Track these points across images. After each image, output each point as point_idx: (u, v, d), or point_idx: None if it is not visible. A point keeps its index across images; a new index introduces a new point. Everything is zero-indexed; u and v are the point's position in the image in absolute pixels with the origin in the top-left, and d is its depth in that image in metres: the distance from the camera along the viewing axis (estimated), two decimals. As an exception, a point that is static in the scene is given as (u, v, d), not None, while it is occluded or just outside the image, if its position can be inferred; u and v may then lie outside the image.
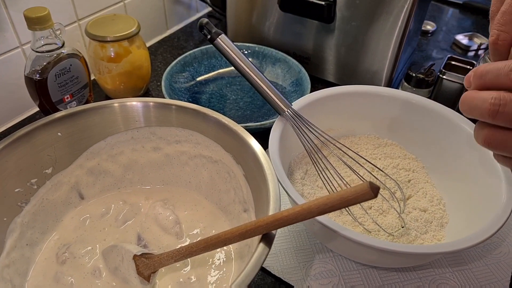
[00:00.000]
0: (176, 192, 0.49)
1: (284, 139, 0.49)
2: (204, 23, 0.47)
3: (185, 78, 0.69)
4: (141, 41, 0.65)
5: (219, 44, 0.48)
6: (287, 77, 0.71)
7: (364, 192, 0.27)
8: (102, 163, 0.47)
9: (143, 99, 0.44)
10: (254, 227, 0.32)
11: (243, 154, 0.41)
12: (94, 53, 0.63)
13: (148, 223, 0.46)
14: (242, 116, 0.65)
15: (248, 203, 0.42)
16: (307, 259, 0.48)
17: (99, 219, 0.46)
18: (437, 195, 0.51)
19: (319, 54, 0.72)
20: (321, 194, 0.50)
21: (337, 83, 0.74)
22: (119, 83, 0.65)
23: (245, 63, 0.48)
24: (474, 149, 0.48)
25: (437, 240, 0.46)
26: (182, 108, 0.44)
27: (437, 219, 0.48)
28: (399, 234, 0.46)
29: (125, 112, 0.44)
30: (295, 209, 0.30)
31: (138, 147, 0.47)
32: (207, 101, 0.68)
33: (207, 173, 0.47)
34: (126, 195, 0.48)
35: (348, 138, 0.57)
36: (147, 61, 0.67)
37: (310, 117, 0.51)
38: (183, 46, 0.85)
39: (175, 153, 0.48)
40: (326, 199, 0.29)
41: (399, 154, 0.55)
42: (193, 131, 0.45)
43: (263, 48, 0.74)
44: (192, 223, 0.46)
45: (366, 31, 0.66)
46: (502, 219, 0.39)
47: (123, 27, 0.62)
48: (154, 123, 0.45)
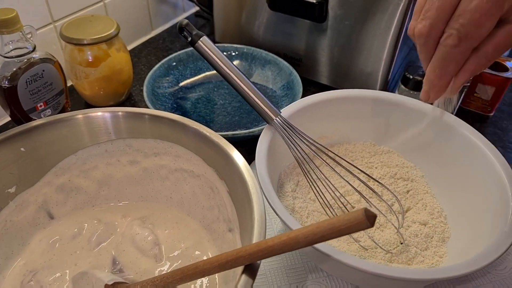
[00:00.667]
0: (156, 208, 0.45)
1: (273, 149, 0.45)
2: (184, 25, 0.43)
3: (169, 83, 0.65)
4: (121, 44, 0.61)
5: (201, 47, 0.44)
6: (277, 80, 0.67)
7: (358, 221, 0.23)
8: (74, 179, 0.43)
9: (110, 108, 0.40)
10: (235, 257, 0.28)
11: (227, 169, 0.38)
12: (70, 57, 0.59)
13: (124, 244, 0.42)
14: (230, 122, 0.62)
15: (233, 222, 0.38)
16: (299, 279, 0.44)
17: (70, 241, 0.42)
18: (438, 207, 0.47)
19: (311, 55, 0.69)
20: (314, 207, 0.47)
21: (330, 86, 0.70)
22: (98, 88, 0.61)
23: (230, 67, 0.44)
24: (477, 157, 0.44)
25: (439, 257, 0.43)
26: (156, 117, 0.40)
27: (438, 233, 0.45)
28: (397, 252, 0.43)
29: (91, 124, 0.40)
30: (281, 238, 0.26)
31: (113, 161, 0.43)
32: (193, 107, 0.64)
33: (189, 188, 0.43)
34: (101, 213, 0.44)
35: (342, 146, 0.53)
36: (128, 65, 0.63)
37: (301, 124, 0.47)
38: (169, 47, 0.81)
39: (154, 167, 0.44)
40: (315, 228, 0.25)
41: (397, 162, 0.52)
42: (173, 143, 0.41)
43: (252, 50, 0.70)
44: (173, 243, 0.42)
45: (360, 31, 0.62)
46: (508, 240, 0.35)
47: (101, 28, 0.58)
48: (126, 135, 0.41)
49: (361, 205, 0.48)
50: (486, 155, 0.43)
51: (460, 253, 0.41)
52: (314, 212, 0.46)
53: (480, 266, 0.33)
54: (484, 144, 0.44)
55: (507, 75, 0.62)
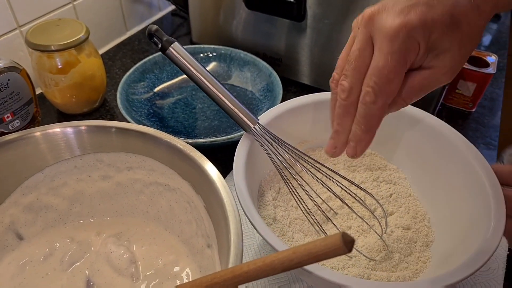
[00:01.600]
0: (132, 223, 0.43)
1: (252, 157, 0.43)
2: (153, 31, 0.41)
3: (144, 88, 0.63)
4: (92, 48, 0.59)
5: (172, 54, 0.42)
6: (257, 81, 0.66)
7: (336, 247, 0.22)
8: (42, 197, 0.40)
9: (71, 123, 0.38)
10: (210, 283, 0.27)
11: (202, 184, 0.36)
12: (38, 64, 0.56)
13: (99, 263, 0.40)
14: (209, 127, 0.60)
15: (211, 238, 0.37)
16: (282, 290, 0.43)
17: (42, 263, 0.40)
18: (421, 210, 0.46)
19: (291, 55, 0.67)
20: (296, 215, 0.45)
21: (311, 85, 0.69)
22: (69, 96, 0.59)
23: (204, 74, 0.42)
24: (458, 159, 0.44)
25: (422, 263, 0.42)
26: (124, 130, 0.38)
27: (422, 237, 0.44)
28: (381, 259, 0.42)
29: (51, 141, 0.38)
30: (257, 263, 0.25)
31: (83, 176, 0.41)
32: (171, 112, 0.62)
33: (166, 202, 0.42)
34: (74, 231, 0.42)
35: (323, 150, 0.52)
36: (101, 70, 0.61)
37: (280, 130, 0.46)
38: (145, 49, 0.78)
39: (127, 181, 0.42)
40: (291, 254, 0.24)
41: (379, 165, 0.51)
42: (145, 157, 0.40)
43: (230, 50, 0.68)
44: (150, 260, 0.40)
45: (339, 29, 0.61)
46: (491, 248, 0.34)
47: (70, 33, 0.56)
48: (93, 150, 0.39)
49: (344, 210, 0.47)
50: (467, 157, 0.43)
51: (443, 258, 0.41)
52: (297, 220, 0.45)
53: (464, 276, 0.32)
54: (466, 146, 0.44)
55: (488, 71, 0.61)
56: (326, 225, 0.45)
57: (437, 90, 0.61)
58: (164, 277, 0.39)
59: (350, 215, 0.46)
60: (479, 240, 0.36)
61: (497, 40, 0.85)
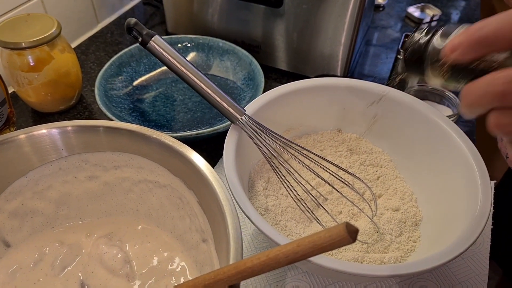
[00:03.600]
0: (123, 222, 0.43)
1: (241, 148, 0.43)
2: (132, 24, 0.40)
3: (122, 82, 0.61)
4: (65, 43, 0.57)
5: (153, 47, 0.40)
6: (237, 70, 0.65)
7: (340, 237, 0.22)
8: (27, 202, 0.39)
9: (57, 124, 0.36)
10: (213, 280, 0.27)
11: (194, 179, 0.36)
12: (9, 62, 0.53)
13: (92, 265, 0.39)
14: (192, 119, 0.59)
15: (206, 233, 0.36)
16: (278, 278, 0.44)
17: (32, 269, 0.38)
18: (408, 191, 0.48)
19: (270, 41, 0.66)
20: (287, 203, 0.46)
21: (291, 71, 0.69)
22: (44, 94, 0.56)
23: (187, 67, 0.41)
24: (441, 138, 0.45)
25: (413, 242, 0.43)
26: (113, 129, 0.37)
27: (411, 217, 0.45)
28: (373, 241, 0.43)
29: (36, 143, 0.36)
30: (261, 258, 0.25)
31: (69, 178, 0.40)
32: (151, 106, 0.61)
33: (156, 199, 0.41)
34: (63, 235, 0.41)
35: (310, 136, 0.52)
36: (75, 66, 0.58)
37: (267, 119, 0.46)
38: (118, 41, 0.76)
39: (115, 180, 0.41)
40: (296, 247, 0.24)
41: (365, 148, 0.51)
42: (133, 155, 0.39)
43: (208, 39, 0.67)
44: (144, 258, 0.40)
45: (316, 14, 0.61)
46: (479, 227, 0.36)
47: (40, 29, 0.53)
48: (80, 150, 0.38)
49: (334, 195, 0.47)
50: (450, 135, 0.44)
51: (433, 236, 0.42)
52: (288, 208, 0.45)
53: (456, 255, 0.34)
54: (448, 125, 0.45)
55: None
56: (317, 211, 0.45)
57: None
58: (160, 275, 0.39)
59: (340, 199, 0.46)
60: (467, 217, 0.37)
61: (469, 17, 0.87)
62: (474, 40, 0.24)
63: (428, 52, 0.28)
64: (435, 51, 0.28)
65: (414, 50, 0.29)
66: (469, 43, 0.24)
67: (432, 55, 0.28)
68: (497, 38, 0.23)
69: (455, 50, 0.25)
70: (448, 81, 0.28)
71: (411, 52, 0.29)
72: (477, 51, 0.24)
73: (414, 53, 0.29)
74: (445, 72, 0.27)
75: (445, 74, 0.27)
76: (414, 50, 0.29)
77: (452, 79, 0.27)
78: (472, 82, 0.24)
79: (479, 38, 0.24)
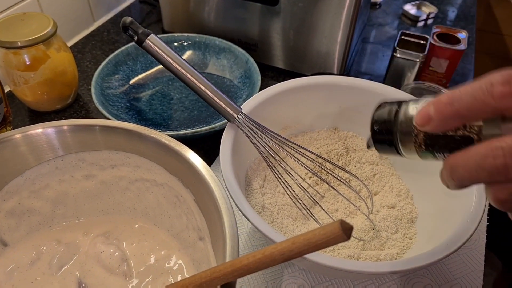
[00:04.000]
0: (120, 221, 0.43)
1: (237, 147, 0.43)
2: (128, 23, 0.40)
3: (119, 81, 0.61)
4: (61, 42, 0.56)
5: (149, 46, 0.40)
6: (234, 68, 0.65)
7: (335, 235, 0.22)
8: (24, 201, 0.39)
9: (53, 123, 0.36)
10: (209, 278, 0.27)
11: (191, 178, 0.36)
12: (5, 62, 0.53)
13: (89, 264, 0.39)
14: (189, 117, 0.59)
15: (203, 231, 0.37)
16: (275, 275, 0.44)
17: (29, 268, 0.39)
18: (404, 188, 0.48)
19: (267, 39, 0.67)
20: (284, 201, 0.46)
21: (288, 69, 0.69)
22: (40, 93, 0.56)
23: (183, 66, 0.41)
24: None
25: (409, 239, 0.43)
26: (109, 128, 0.37)
27: (407, 214, 0.45)
28: (369, 238, 0.43)
29: (32, 142, 0.36)
30: (256, 256, 0.25)
31: (66, 177, 0.40)
32: (148, 104, 0.61)
33: (153, 197, 0.41)
34: (60, 233, 0.41)
35: (306, 134, 0.52)
36: (72, 65, 0.58)
37: (263, 117, 0.46)
38: (114, 40, 0.75)
39: (112, 179, 0.41)
40: (291, 244, 0.24)
41: (361, 146, 0.52)
42: (130, 153, 0.39)
43: (204, 38, 0.67)
44: (142, 257, 0.40)
45: (313, 12, 0.61)
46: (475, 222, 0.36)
47: (36, 28, 0.53)
48: (76, 149, 0.38)
49: (330, 193, 0.47)
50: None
51: (428, 233, 0.42)
52: (285, 206, 0.45)
53: (454, 249, 0.34)
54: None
55: (459, 48, 0.63)
56: (313, 209, 0.46)
57: (409, 65, 0.63)
58: (157, 273, 0.39)
59: (337, 197, 0.47)
60: (462, 214, 0.37)
61: (465, 15, 0.87)
62: (446, 114, 0.23)
63: (398, 123, 0.26)
64: (407, 124, 0.25)
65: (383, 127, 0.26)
66: (441, 116, 0.23)
67: (404, 129, 0.26)
68: (472, 110, 0.22)
69: (428, 122, 0.24)
70: (425, 155, 0.26)
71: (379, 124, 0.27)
72: (450, 124, 0.24)
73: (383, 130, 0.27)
74: (420, 145, 0.25)
75: (421, 147, 0.25)
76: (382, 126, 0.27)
77: (429, 152, 0.25)
78: (458, 154, 0.23)
79: (451, 113, 0.23)
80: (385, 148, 0.27)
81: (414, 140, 0.25)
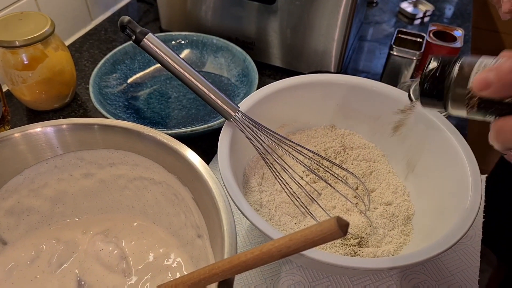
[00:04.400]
0: (119, 219, 0.43)
1: (235, 145, 0.43)
2: (126, 22, 0.40)
3: (117, 80, 0.61)
4: (59, 41, 0.57)
5: (147, 45, 0.41)
6: (231, 67, 0.65)
7: (331, 231, 0.23)
8: (23, 200, 0.39)
9: (52, 122, 0.36)
10: (208, 275, 0.27)
11: (189, 176, 0.36)
12: (2, 61, 0.53)
13: (88, 262, 0.39)
14: (187, 116, 0.59)
15: (202, 229, 0.37)
16: (273, 272, 0.44)
17: (29, 266, 0.39)
18: (401, 185, 0.48)
19: (264, 38, 0.67)
20: (281, 199, 0.46)
21: (285, 68, 0.69)
22: (38, 92, 0.57)
23: (181, 65, 0.42)
24: (432, 133, 0.45)
25: (405, 236, 0.44)
26: (107, 127, 0.37)
27: (403, 211, 0.46)
28: (366, 235, 0.43)
29: (32, 141, 0.36)
30: (254, 252, 0.26)
31: (65, 176, 0.40)
32: (146, 103, 0.61)
33: (152, 196, 0.41)
34: (59, 232, 0.41)
35: (304, 132, 0.53)
36: (69, 64, 0.59)
37: (261, 116, 0.46)
38: (112, 39, 0.76)
39: (110, 178, 0.41)
40: (288, 241, 0.24)
41: (358, 143, 0.52)
42: (128, 152, 0.39)
43: (202, 36, 0.67)
44: (141, 254, 0.40)
45: (310, 10, 0.61)
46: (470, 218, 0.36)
47: (34, 27, 0.53)
48: (75, 148, 0.38)
49: (328, 191, 0.48)
50: (442, 131, 0.44)
51: (425, 229, 0.43)
52: (282, 203, 0.46)
53: (446, 248, 0.34)
54: (441, 121, 0.45)
55: (455, 45, 0.63)
56: (311, 206, 0.46)
57: (406, 63, 0.63)
58: (156, 270, 0.39)
59: (334, 195, 0.47)
60: (458, 211, 0.38)
61: (461, 12, 0.88)
62: (508, 81, 0.23)
63: (451, 84, 0.26)
64: (460, 83, 0.25)
65: (433, 81, 0.26)
66: (502, 83, 0.24)
67: (457, 88, 0.26)
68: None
69: (487, 87, 0.24)
70: (474, 114, 0.26)
71: (430, 82, 0.27)
72: (509, 92, 0.24)
73: (433, 84, 0.27)
74: (472, 106, 0.26)
75: (473, 108, 0.26)
76: (433, 80, 0.26)
77: (480, 113, 0.26)
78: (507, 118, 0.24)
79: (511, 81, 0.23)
80: (433, 101, 0.27)
81: (467, 100, 0.25)
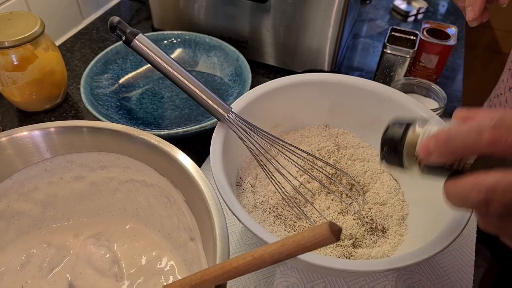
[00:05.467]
0: (110, 222, 0.42)
1: (228, 146, 0.43)
2: (116, 23, 0.39)
3: (109, 80, 0.61)
4: (49, 42, 0.56)
5: (138, 46, 0.40)
6: (224, 66, 0.65)
7: (324, 237, 0.22)
8: (13, 204, 0.39)
9: (39, 125, 0.36)
10: (200, 281, 0.27)
11: (181, 179, 0.35)
12: (-9, 62, 0.52)
13: (80, 266, 0.39)
14: (180, 116, 0.59)
15: (194, 232, 0.37)
16: (267, 274, 0.44)
17: (20, 271, 0.38)
18: (395, 185, 0.48)
19: (257, 36, 0.66)
20: (275, 199, 0.46)
21: (279, 66, 0.69)
22: (29, 93, 0.56)
23: (172, 65, 0.41)
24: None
25: (400, 236, 0.44)
26: (97, 129, 0.36)
27: (397, 212, 0.45)
28: (361, 236, 0.43)
29: (19, 145, 0.36)
30: (246, 258, 0.25)
31: (55, 179, 0.40)
32: (138, 103, 0.60)
33: (144, 198, 0.41)
34: (50, 236, 0.41)
35: (297, 132, 0.52)
36: (60, 64, 0.58)
37: (253, 116, 0.45)
38: (104, 38, 0.75)
39: (102, 180, 0.41)
40: (280, 246, 0.24)
41: (352, 143, 0.52)
42: (119, 155, 0.38)
43: (195, 35, 0.66)
44: (133, 258, 0.40)
45: (303, 8, 0.61)
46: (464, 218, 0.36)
47: (24, 27, 0.52)
48: (64, 151, 0.37)
49: (322, 191, 0.47)
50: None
51: (419, 229, 0.43)
52: (276, 204, 0.45)
53: (442, 248, 0.34)
54: (434, 120, 0.45)
55: (449, 43, 0.63)
56: (305, 207, 0.46)
57: (399, 61, 0.63)
58: (149, 274, 0.39)
59: (328, 195, 0.47)
60: (452, 210, 0.38)
61: (455, 9, 0.88)
62: (443, 151, 0.26)
63: (403, 149, 0.30)
64: (410, 150, 0.29)
65: (390, 146, 0.31)
66: (440, 153, 0.26)
67: (407, 154, 0.30)
68: (464, 151, 0.26)
69: (429, 155, 0.27)
70: (427, 176, 0.30)
71: (388, 147, 0.31)
72: (447, 159, 0.27)
73: (390, 149, 0.31)
74: (423, 169, 0.30)
75: (423, 171, 0.30)
76: (390, 146, 0.31)
77: (431, 175, 0.30)
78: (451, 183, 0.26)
79: (447, 151, 0.26)
80: (394, 163, 0.31)
81: (417, 164, 0.30)
